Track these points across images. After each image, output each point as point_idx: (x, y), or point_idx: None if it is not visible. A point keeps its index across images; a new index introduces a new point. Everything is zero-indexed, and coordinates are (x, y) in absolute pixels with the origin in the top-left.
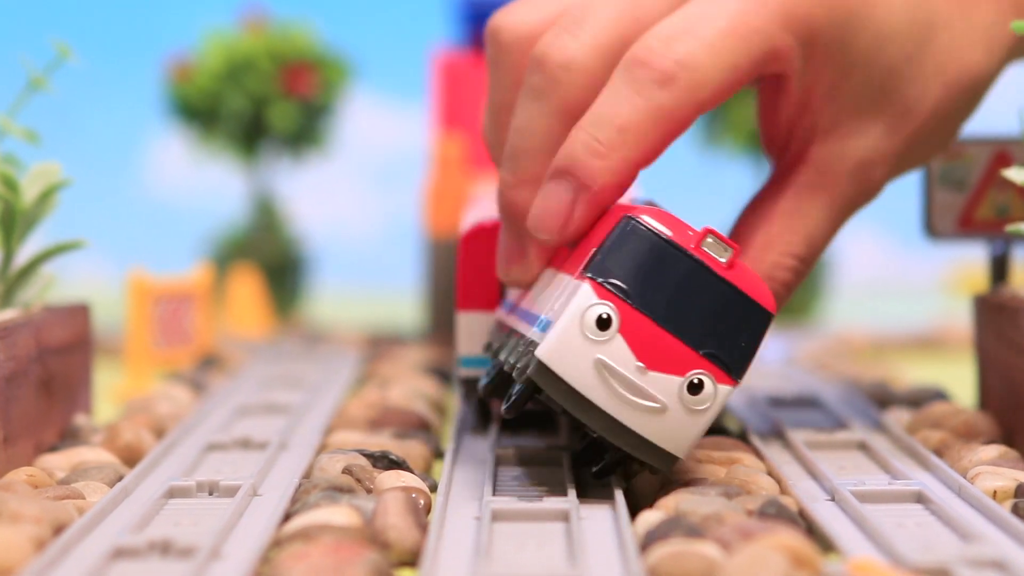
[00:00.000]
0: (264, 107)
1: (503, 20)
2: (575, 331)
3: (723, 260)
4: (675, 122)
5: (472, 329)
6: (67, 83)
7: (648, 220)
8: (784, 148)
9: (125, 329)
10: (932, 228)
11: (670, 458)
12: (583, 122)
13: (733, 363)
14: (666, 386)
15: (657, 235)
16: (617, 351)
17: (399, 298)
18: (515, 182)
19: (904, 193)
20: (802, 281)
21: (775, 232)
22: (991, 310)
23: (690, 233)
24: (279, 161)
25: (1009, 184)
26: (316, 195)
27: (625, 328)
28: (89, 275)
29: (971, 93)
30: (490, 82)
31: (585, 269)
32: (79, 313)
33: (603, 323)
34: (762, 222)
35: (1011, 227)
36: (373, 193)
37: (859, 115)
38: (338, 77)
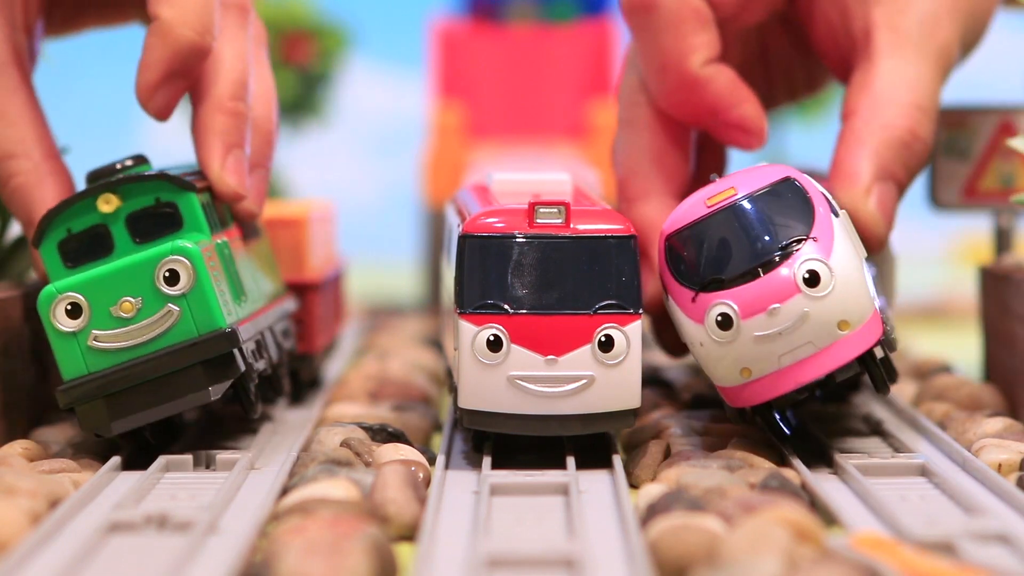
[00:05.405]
0: None
1: None
2: (474, 364)
3: (559, 221)
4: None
5: None
6: (64, 48)
7: (475, 224)
8: (846, 51)
9: None
10: (936, 198)
11: (630, 413)
12: None
13: (626, 300)
14: (581, 359)
15: (488, 236)
16: (520, 360)
17: (398, 268)
18: None
19: None
20: (933, 127)
21: (880, 95)
22: (996, 281)
23: (523, 214)
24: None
25: (1013, 154)
26: (314, 164)
27: (516, 336)
28: None
29: None
30: None
31: (456, 306)
32: None
33: (494, 344)
34: (862, 96)
35: (1016, 197)
36: (371, 162)
37: None
38: (336, 46)
